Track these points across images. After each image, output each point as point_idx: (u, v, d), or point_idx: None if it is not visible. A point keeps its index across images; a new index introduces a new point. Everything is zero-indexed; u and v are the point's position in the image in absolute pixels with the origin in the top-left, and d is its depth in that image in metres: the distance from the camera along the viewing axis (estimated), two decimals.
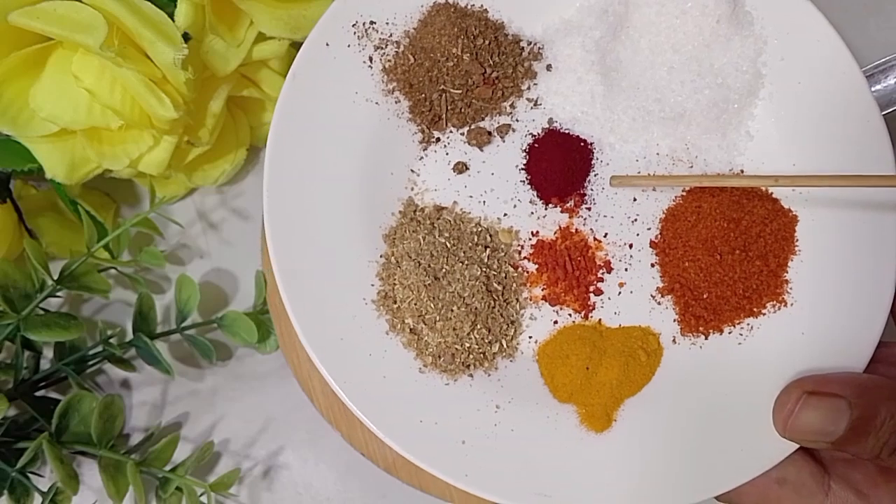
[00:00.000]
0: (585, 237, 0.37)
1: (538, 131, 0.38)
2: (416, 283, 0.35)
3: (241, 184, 0.48)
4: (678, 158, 0.38)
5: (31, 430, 0.42)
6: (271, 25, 0.38)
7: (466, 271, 0.35)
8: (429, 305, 0.35)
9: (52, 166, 0.38)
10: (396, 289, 0.35)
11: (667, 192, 0.38)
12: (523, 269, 0.37)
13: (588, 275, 0.37)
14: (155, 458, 0.41)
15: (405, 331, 0.35)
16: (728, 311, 0.36)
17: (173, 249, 0.47)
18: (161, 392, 0.46)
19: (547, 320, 0.37)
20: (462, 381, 0.35)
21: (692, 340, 0.36)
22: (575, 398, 0.35)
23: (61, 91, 0.36)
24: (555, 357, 0.36)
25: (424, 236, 0.36)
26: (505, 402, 0.35)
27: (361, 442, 0.42)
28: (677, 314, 0.37)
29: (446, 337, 0.35)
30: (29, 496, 0.40)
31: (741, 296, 0.36)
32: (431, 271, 0.35)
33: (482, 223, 0.37)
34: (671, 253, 0.37)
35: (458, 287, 0.35)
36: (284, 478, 0.45)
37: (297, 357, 0.43)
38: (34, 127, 0.37)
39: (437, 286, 0.35)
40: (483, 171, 0.38)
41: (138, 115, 0.36)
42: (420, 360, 0.35)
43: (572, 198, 0.38)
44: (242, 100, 0.43)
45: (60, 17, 0.33)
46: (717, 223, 0.36)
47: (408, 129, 0.38)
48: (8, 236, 0.42)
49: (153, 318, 0.43)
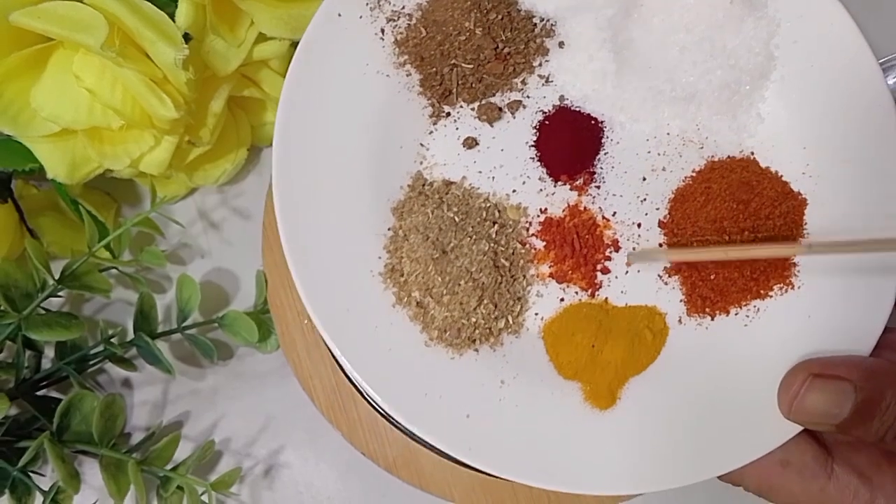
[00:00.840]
0: (594, 215, 0.37)
1: (549, 108, 0.38)
2: (423, 257, 0.35)
3: (242, 183, 0.48)
4: (688, 139, 0.38)
5: (32, 429, 0.42)
6: (272, 25, 0.38)
7: (474, 246, 0.35)
8: (436, 279, 0.35)
9: (53, 166, 0.38)
10: (404, 262, 0.35)
11: (676, 173, 0.38)
12: (531, 246, 0.37)
13: (595, 253, 0.37)
14: (156, 458, 0.41)
15: (412, 304, 0.35)
16: (735, 292, 0.36)
17: (174, 249, 0.47)
18: (162, 391, 0.46)
19: (553, 298, 0.36)
20: (467, 356, 0.35)
21: (698, 321, 0.36)
22: (580, 376, 0.35)
23: (62, 91, 0.36)
24: (560, 334, 0.36)
25: (433, 210, 0.36)
26: (510, 378, 0.35)
27: (362, 441, 0.42)
28: (684, 294, 0.36)
29: (453, 311, 0.35)
30: (30, 495, 0.40)
31: (748, 278, 0.36)
32: (439, 245, 0.35)
33: (491, 199, 0.37)
34: (679, 233, 0.37)
35: (466, 262, 0.35)
36: (285, 477, 0.45)
37: (298, 356, 0.44)
38: (35, 127, 0.37)
39: (444, 260, 0.35)
40: (493, 147, 0.38)
41: (139, 115, 0.36)
42: (426, 333, 0.35)
43: (581, 176, 0.38)
44: (243, 100, 0.43)
45: (61, 17, 0.33)
46: (726, 204, 0.36)
47: (418, 102, 0.38)
48: (9, 236, 0.42)
49: (154, 317, 0.43)
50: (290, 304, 0.44)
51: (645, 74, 0.38)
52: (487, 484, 0.42)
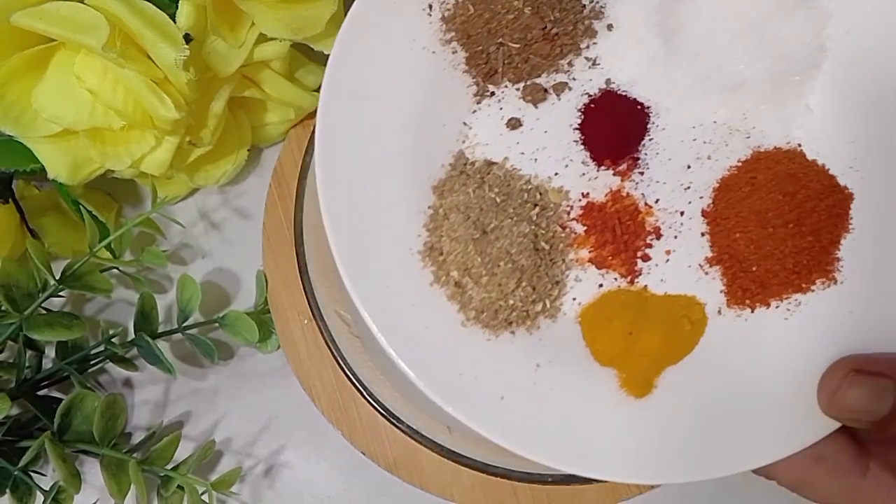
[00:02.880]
0: (636, 202, 0.37)
1: (595, 91, 0.38)
2: (463, 237, 0.34)
3: (243, 184, 0.48)
4: (735, 128, 0.37)
5: (33, 429, 0.42)
6: (273, 26, 0.38)
7: (515, 228, 0.35)
8: (475, 259, 0.34)
9: (54, 167, 0.38)
10: (443, 241, 0.35)
11: (721, 161, 0.37)
12: (571, 230, 0.37)
13: (636, 240, 0.36)
14: (157, 457, 0.41)
15: (450, 284, 0.35)
16: (776, 285, 0.35)
17: (175, 249, 0.47)
18: (163, 391, 0.46)
19: (592, 283, 0.36)
20: (503, 338, 0.35)
21: (738, 313, 0.36)
22: (616, 362, 0.35)
23: (64, 92, 0.36)
24: (597, 320, 0.35)
25: (474, 190, 0.35)
26: (545, 362, 0.34)
27: (362, 441, 0.43)
28: (724, 285, 0.36)
29: (491, 292, 0.34)
30: (31, 495, 0.40)
31: (791, 270, 0.35)
32: (480, 225, 0.35)
33: (532, 181, 0.37)
34: (722, 223, 0.36)
35: (506, 243, 0.35)
36: (286, 476, 0.45)
37: (298, 356, 0.44)
38: (37, 127, 0.37)
39: (484, 241, 0.35)
40: (536, 129, 0.37)
41: (140, 116, 0.36)
42: (463, 313, 0.35)
43: (625, 161, 0.37)
44: (244, 100, 0.43)
45: (63, 18, 0.33)
46: (771, 195, 0.36)
47: (462, 80, 0.37)
48: (10, 236, 0.42)
49: (155, 317, 0.43)
50: (291, 304, 0.44)
51: (693, 61, 0.37)
52: (487, 484, 0.42)
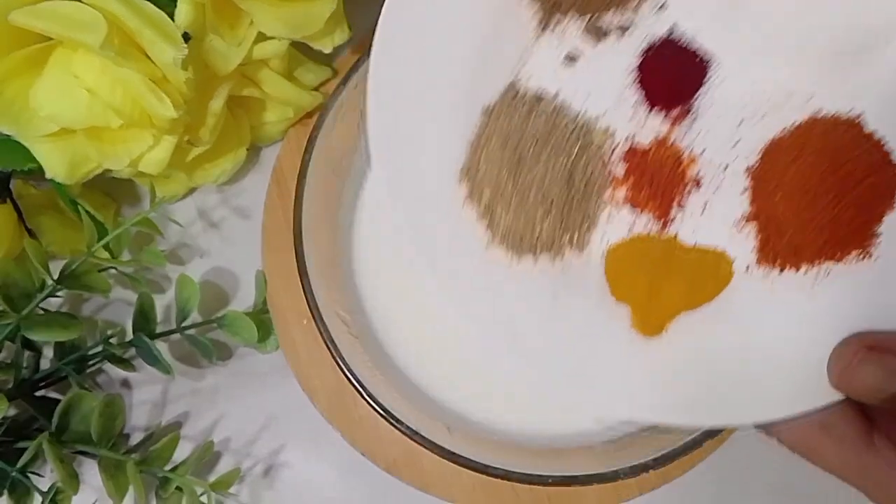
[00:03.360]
0: (681, 151, 0.36)
1: (657, 36, 0.37)
2: (500, 160, 0.35)
3: (242, 183, 0.48)
4: (795, 91, 0.36)
5: (31, 429, 0.42)
6: (272, 25, 0.38)
7: (553, 159, 0.35)
8: (508, 183, 0.34)
9: (52, 166, 0.38)
10: (481, 162, 0.35)
11: (775, 122, 0.36)
12: (611, 171, 0.36)
13: (675, 187, 0.36)
14: (155, 458, 0.41)
15: (481, 203, 0.35)
16: (810, 250, 0.35)
17: (173, 249, 0.47)
18: (161, 391, 0.46)
19: (623, 224, 0.36)
20: (525, 263, 0.35)
21: (766, 273, 0.35)
22: (633, 301, 0.35)
23: (62, 90, 0.36)
24: (623, 261, 0.35)
25: (521, 118, 0.35)
26: (563, 293, 0.34)
27: (362, 441, 0.42)
28: (757, 244, 0.35)
29: (519, 218, 0.34)
30: (29, 496, 0.40)
31: (827, 239, 0.35)
32: (518, 151, 0.35)
33: (580, 118, 0.36)
34: (765, 183, 0.36)
35: (541, 172, 0.35)
36: (285, 477, 0.45)
37: (298, 356, 0.44)
38: (35, 126, 0.37)
39: (520, 167, 0.35)
40: (593, 67, 0.36)
41: (139, 115, 0.36)
42: (489, 233, 0.35)
43: (677, 109, 0.36)
44: (243, 99, 0.43)
45: (61, 16, 0.33)
46: (819, 162, 0.35)
47: (527, 10, 0.36)
48: (8, 236, 0.42)
49: (153, 317, 0.43)
50: (290, 304, 0.44)
51: (762, 17, 0.36)
52: (487, 484, 0.42)
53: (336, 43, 0.41)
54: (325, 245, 0.42)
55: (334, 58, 0.46)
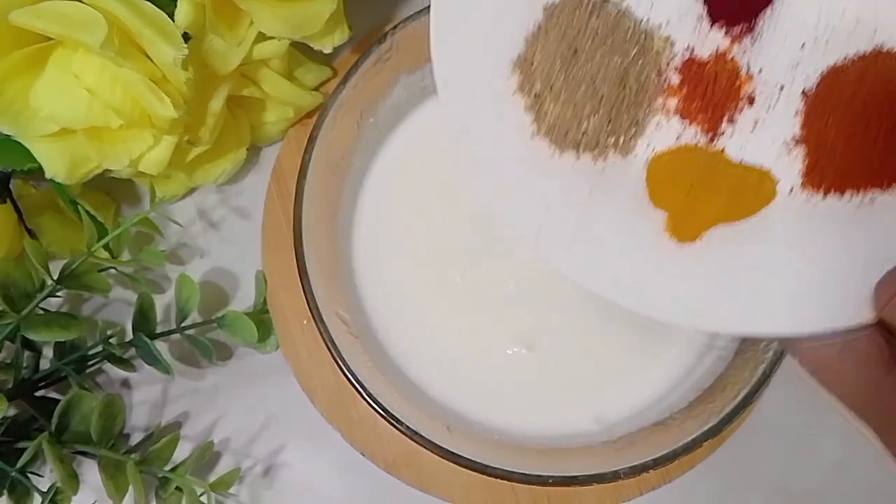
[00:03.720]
0: (739, 67, 0.36)
1: None
2: (554, 52, 0.35)
3: (242, 183, 0.48)
4: (864, 20, 0.36)
5: (30, 429, 0.42)
6: (271, 25, 0.38)
7: (608, 58, 0.35)
8: (559, 76, 0.35)
9: (52, 166, 0.38)
10: (536, 54, 0.35)
11: (839, 50, 0.36)
12: (666, 79, 0.36)
13: (728, 101, 0.36)
14: (155, 458, 0.41)
15: (531, 94, 0.35)
16: (857, 177, 0.35)
17: (173, 249, 0.47)
18: (161, 391, 0.46)
19: (671, 134, 0.35)
20: (567, 157, 0.35)
21: (808, 196, 0.35)
22: (671, 208, 0.35)
23: (62, 90, 0.36)
24: (667, 168, 0.35)
25: (582, 15, 0.35)
26: (600, 191, 0.35)
27: (362, 441, 0.42)
28: (804, 167, 0.35)
29: (566, 111, 0.35)
30: (29, 496, 0.40)
31: (875, 167, 0.35)
32: (574, 46, 0.35)
33: (642, 25, 0.36)
34: (820, 107, 0.35)
35: (594, 69, 0.35)
36: (285, 477, 0.45)
37: (298, 356, 0.44)
38: (34, 126, 0.37)
39: (573, 61, 0.35)
40: None
41: (139, 115, 0.36)
42: (535, 125, 0.35)
43: (741, 25, 0.36)
44: (243, 99, 0.43)
45: (61, 16, 0.33)
46: (877, 92, 0.35)
47: None
48: (8, 236, 0.42)
49: (153, 317, 0.43)
50: (290, 304, 0.44)
51: None
52: (487, 484, 0.42)
53: (336, 43, 0.41)
54: (325, 245, 0.42)
55: (334, 58, 0.46)
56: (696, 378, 0.42)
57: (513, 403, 0.42)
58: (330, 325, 0.38)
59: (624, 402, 0.42)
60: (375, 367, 0.41)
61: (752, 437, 0.44)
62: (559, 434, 0.42)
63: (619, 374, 0.43)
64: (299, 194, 0.39)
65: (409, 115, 0.45)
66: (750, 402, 0.37)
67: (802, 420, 0.45)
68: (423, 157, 0.45)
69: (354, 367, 0.38)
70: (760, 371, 0.37)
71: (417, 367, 0.43)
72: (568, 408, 0.42)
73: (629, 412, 0.42)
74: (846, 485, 0.44)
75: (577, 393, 0.43)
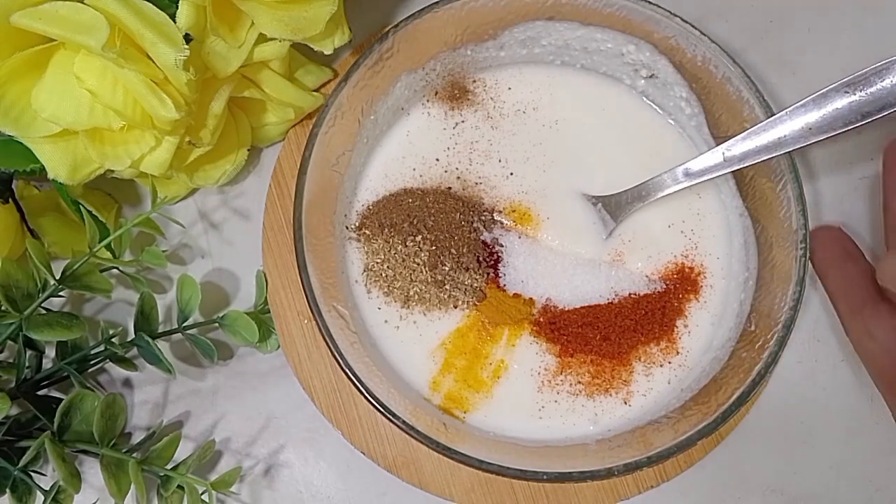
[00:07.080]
0: None
1: None
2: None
3: (243, 184, 0.48)
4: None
5: (33, 428, 0.42)
6: (272, 27, 0.38)
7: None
8: None
9: (54, 167, 0.38)
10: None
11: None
12: None
13: None
14: (156, 457, 0.41)
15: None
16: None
17: (175, 249, 0.47)
18: (162, 391, 0.46)
19: None
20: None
21: None
22: None
23: (63, 92, 0.36)
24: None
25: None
26: None
27: (362, 441, 0.43)
28: None
29: None
30: (31, 495, 0.40)
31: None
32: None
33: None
34: None
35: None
36: (285, 476, 0.45)
37: (298, 356, 0.44)
38: (36, 128, 0.37)
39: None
40: None
41: (140, 116, 0.36)
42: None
43: None
44: (243, 101, 0.43)
45: (62, 18, 0.33)
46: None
47: None
48: (10, 236, 0.42)
49: (155, 317, 0.43)
50: (291, 304, 0.44)
51: None
52: (487, 483, 0.42)
53: (337, 45, 0.41)
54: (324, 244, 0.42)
55: (335, 60, 0.47)
56: (693, 379, 0.42)
57: (512, 404, 0.43)
58: (329, 322, 0.38)
59: (620, 405, 0.43)
60: (374, 364, 0.41)
61: (750, 438, 0.44)
62: (557, 437, 0.42)
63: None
64: (299, 192, 0.39)
65: (408, 114, 0.46)
66: (744, 403, 0.37)
67: (800, 421, 0.45)
68: (421, 155, 0.45)
69: (353, 364, 0.38)
70: (755, 372, 0.37)
71: (416, 366, 0.43)
72: (566, 411, 0.43)
73: (625, 414, 0.42)
74: (843, 486, 0.45)
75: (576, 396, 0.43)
